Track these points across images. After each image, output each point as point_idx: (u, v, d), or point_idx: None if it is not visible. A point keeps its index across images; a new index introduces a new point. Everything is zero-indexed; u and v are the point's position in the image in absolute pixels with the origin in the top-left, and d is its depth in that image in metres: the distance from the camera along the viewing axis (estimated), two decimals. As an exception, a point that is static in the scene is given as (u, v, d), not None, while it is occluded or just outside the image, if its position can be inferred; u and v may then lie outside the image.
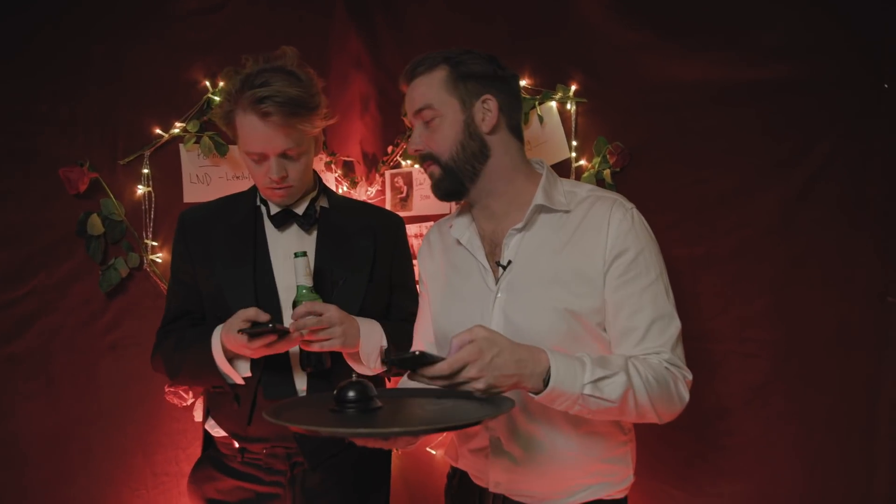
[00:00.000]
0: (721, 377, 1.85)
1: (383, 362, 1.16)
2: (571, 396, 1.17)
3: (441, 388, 1.15)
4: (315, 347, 1.47)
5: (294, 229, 1.63)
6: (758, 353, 1.82)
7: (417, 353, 1.12)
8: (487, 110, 1.36)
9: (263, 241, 1.62)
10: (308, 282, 1.49)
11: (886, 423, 1.69)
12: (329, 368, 1.54)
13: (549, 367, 1.16)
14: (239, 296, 1.50)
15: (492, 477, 1.39)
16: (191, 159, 2.17)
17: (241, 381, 1.52)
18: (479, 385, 1.12)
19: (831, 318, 1.74)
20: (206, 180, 2.18)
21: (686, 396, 1.29)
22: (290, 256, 1.54)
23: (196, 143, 2.15)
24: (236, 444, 1.60)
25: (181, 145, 2.16)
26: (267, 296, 1.57)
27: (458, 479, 1.51)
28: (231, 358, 1.50)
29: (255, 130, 1.48)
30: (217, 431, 1.63)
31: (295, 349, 1.53)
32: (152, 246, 2.15)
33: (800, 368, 1.77)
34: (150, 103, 2.15)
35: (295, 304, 1.48)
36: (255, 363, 1.53)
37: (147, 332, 2.10)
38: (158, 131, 2.15)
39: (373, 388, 1.22)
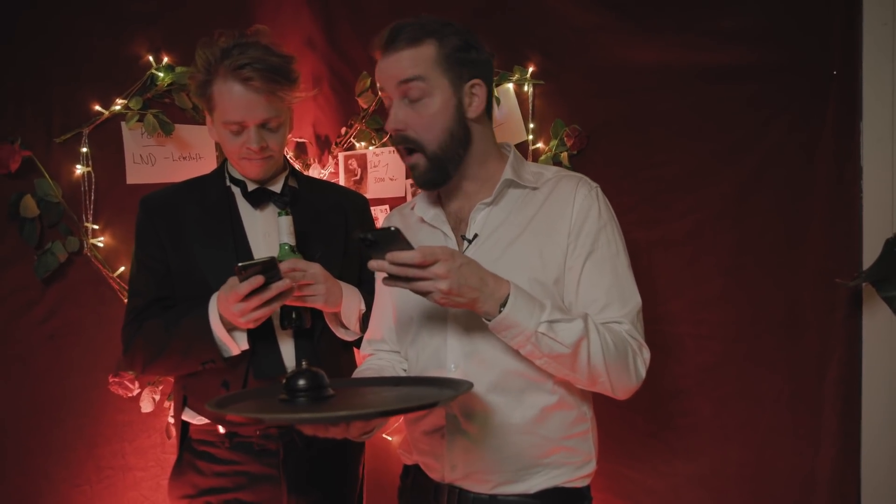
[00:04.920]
0: (675, 358, 1.88)
1: (356, 237, 1.09)
2: (525, 332, 1.17)
3: (404, 280, 1.12)
4: (298, 302, 1.48)
5: (271, 208, 1.63)
6: (711, 335, 1.85)
7: (393, 228, 1.08)
8: (475, 96, 1.31)
9: (239, 222, 1.61)
10: (291, 240, 1.51)
11: (831, 401, 1.75)
12: (309, 331, 1.55)
13: (508, 296, 1.17)
14: (221, 278, 1.47)
15: (448, 460, 1.33)
16: (134, 138, 2.07)
17: (237, 352, 1.50)
18: (443, 285, 1.11)
19: (781, 300, 1.79)
20: (151, 161, 2.08)
21: (643, 374, 1.28)
22: (269, 235, 1.58)
23: (139, 121, 2.04)
24: (221, 430, 1.57)
25: (123, 123, 2.05)
26: None
27: (412, 478, 1.45)
28: (229, 329, 1.48)
29: (236, 97, 1.49)
30: (198, 419, 1.59)
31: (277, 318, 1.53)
32: (93, 229, 2.04)
33: (751, 349, 1.82)
34: (88, 78, 2.02)
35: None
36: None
37: (89, 320, 2.02)
38: (98, 108, 2.03)
39: (325, 377, 1.19)
